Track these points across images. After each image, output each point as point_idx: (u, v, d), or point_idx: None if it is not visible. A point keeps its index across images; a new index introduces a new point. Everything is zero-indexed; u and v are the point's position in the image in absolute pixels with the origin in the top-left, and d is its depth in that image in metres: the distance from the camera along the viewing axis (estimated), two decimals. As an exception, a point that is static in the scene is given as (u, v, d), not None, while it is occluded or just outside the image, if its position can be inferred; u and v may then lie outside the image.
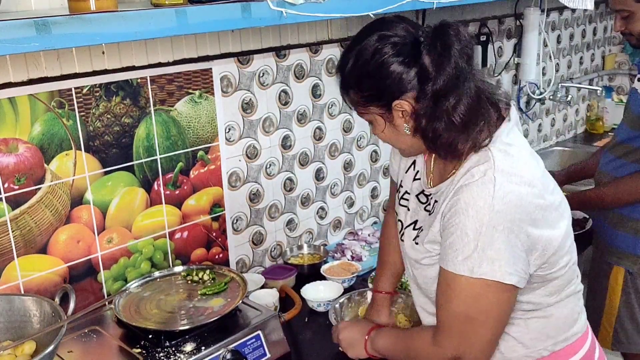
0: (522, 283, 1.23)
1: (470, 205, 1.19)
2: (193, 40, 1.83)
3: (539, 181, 1.25)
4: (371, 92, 1.26)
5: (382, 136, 1.33)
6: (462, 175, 1.24)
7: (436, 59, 1.18)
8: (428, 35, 1.21)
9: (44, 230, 1.63)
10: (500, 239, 1.18)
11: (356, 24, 2.30)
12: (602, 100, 3.90)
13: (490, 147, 1.24)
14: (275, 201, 2.20)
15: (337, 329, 1.60)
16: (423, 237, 1.34)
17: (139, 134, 1.76)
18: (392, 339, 1.47)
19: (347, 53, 1.28)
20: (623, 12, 2.02)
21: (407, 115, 1.24)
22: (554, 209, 1.26)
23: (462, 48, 1.18)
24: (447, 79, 1.17)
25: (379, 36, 1.22)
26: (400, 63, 1.20)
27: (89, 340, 1.58)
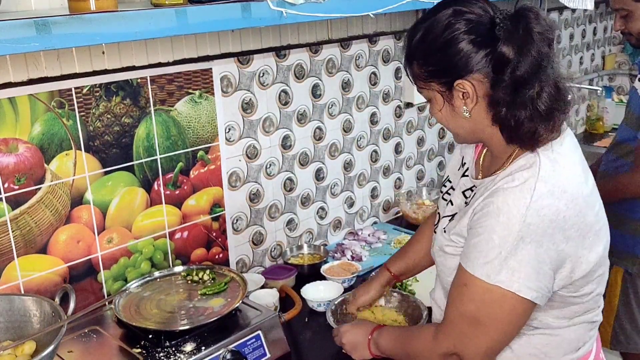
0: (542, 300, 1.19)
1: (503, 211, 1.15)
2: (193, 40, 1.83)
3: (583, 199, 1.20)
4: (436, 67, 1.21)
5: (438, 116, 1.28)
6: (504, 176, 1.21)
7: (518, 44, 1.13)
8: (506, 18, 1.16)
9: (44, 230, 1.63)
10: (526, 251, 1.14)
11: (356, 24, 2.30)
12: (602, 100, 3.90)
13: (540, 152, 1.20)
14: (275, 201, 2.20)
15: (340, 333, 1.59)
16: (452, 227, 1.32)
17: (139, 134, 1.76)
18: (394, 338, 1.46)
19: (419, 24, 1.24)
20: (622, 11, 2.03)
21: (468, 98, 1.20)
22: (593, 232, 1.22)
23: (544, 32, 1.14)
24: (530, 65, 1.13)
25: (454, 11, 1.18)
26: (470, 42, 1.16)
27: (89, 340, 1.58)
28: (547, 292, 1.19)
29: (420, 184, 2.80)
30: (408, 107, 2.62)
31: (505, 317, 1.20)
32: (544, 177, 1.16)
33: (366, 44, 2.37)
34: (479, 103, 1.21)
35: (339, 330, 1.60)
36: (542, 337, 1.29)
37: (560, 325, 1.28)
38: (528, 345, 1.29)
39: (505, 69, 1.15)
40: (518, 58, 1.14)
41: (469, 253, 1.21)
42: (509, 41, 1.14)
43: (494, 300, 1.18)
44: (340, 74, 2.30)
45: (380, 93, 2.48)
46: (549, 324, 1.27)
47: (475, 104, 1.21)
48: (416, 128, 2.70)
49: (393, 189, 2.68)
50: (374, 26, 2.37)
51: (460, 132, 1.30)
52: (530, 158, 1.20)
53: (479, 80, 1.19)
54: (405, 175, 2.72)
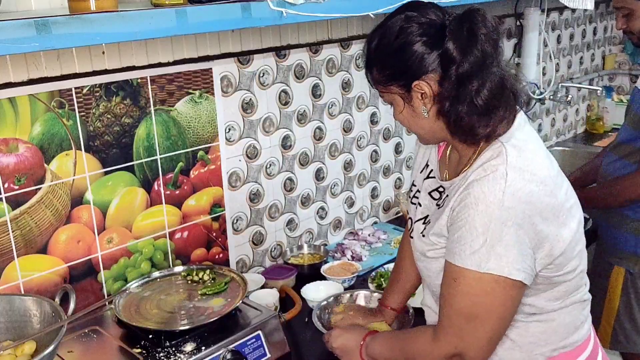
0: (529, 280, 1.23)
1: (481, 200, 1.19)
2: (193, 40, 1.83)
3: (552, 180, 1.25)
4: (393, 71, 1.26)
5: (400, 118, 1.33)
6: (474, 170, 1.24)
7: (462, 43, 1.18)
8: (454, 20, 1.21)
9: (44, 230, 1.63)
10: (509, 235, 1.18)
11: (356, 24, 2.30)
12: (603, 100, 3.90)
13: (505, 142, 1.24)
14: (276, 201, 2.20)
15: (330, 337, 1.57)
16: (429, 229, 1.35)
17: (139, 134, 1.76)
18: (389, 343, 1.45)
19: (374, 31, 1.30)
20: (624, 10, 2.03)
21: (426, 98, 1.25)
22: (565, 209, 1.26)
23: (488, 33, 1.19)
24: (473, 62, 1.18)
25: (406, 16, 1.24)
26: (423, 43, 1.21)
27: (89, 340, 1.58)
28: (532, 272, 1.23)
29: (420, 184, 2.80)
30: (408, 107, 2.62)
31: (500, 304, 1.22)
32: (512, 163, 1.21)
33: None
34: (436, 102, 1.25)
35: (329, 334, 1.58)
36: (538, 324, 1.32)
37: (554, 307, 1.31)
38: (527, 334, 1.32)
39: (451, 67, 1.20)
40: (461, 56, 1.18)
41: (454, 247, 1.23)
42: (454, 40, 1.19)
43: (486, 288, 1.20)
44: (341, 74, 2.30)
45: (381, 93, 2.48)
46: (543, 308, 1.30)
47: (434, 104, 1.25)
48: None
49: (393, 189, 2.68)
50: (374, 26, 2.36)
51: (423, 133, 1.34)
52: (496, 148, 1.24)
53: (434, 80, 1.23)
54: (406, 175, 2.72)
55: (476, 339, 1.24)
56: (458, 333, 1.25)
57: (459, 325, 1.25)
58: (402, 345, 1.41)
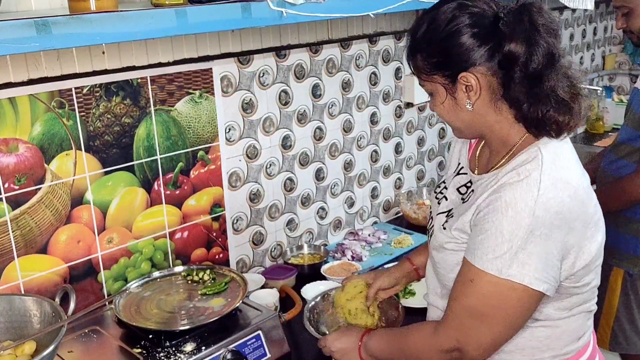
0: (552, 291, 1.20)
1: (511, 205, 1.16)
2: (193, 40, 1.83)
3: (584, 190, 1.22)
4: (439, 60, 1.22)
5: (440, 109, 1.29)
6: (507, 172, 1.22)
7: (525, 38, 1.14)
8: (510, 12, 1.18)
9: (44, 230, 1.63)
10: (535, 244, 1.15)
11: (356, 24, 2.30)
12: (603, 100, 3.90)
13: (541, 147, 1.21)
14: (276, 201, 2.20)
15: (327, 342, 1.54)
16: (452, 223, 1.32)
17: (139, 134, 1.76)
18: (387, 339, 1.44)
19: (423, 16, 1.25)
20: (623, 9, 2.03)
21: (471, 90, 1.22)
22: (593, 222, 1.24)
23: (547, 24, 1.16)
24: (543, 57, 1.15)
25: (459, 4, 1.20)
26: (474, 35, 1.18)
27: (89, 340, 1.58)
28: (556, 283, 1.21)
29: (420, 184, 2.80)
30: (408, 107, 2.62)
31: (512, 310, 1.20)
32: (547, 170, 1.18)
33: (366, 44, 2.37)
34: (482, 96, 1.22)
35: (325, 340, 1.55)
36: (544, 329, 1.30)
37: (561, 316, 1.30)
38: (531, 338, 1.30)
39: (515, 64, 1.16)
40: (528, 52, 1.15)
41: (476, 249, 1.20)
42: (515, 36, 1.15)
43: (501, 293, 1.18)
44: (341, 74, 2.30)
45: (381, 93, 2.48)
46: (550, 315, 1.29)
47: (479, 97, 1.22)
48: (416, 128, 2.70)
49: (393, 189, 2.68)
50: (374, 26, 2.37)
51: (461, 126, 1.30)
52: (532, 153, 1.21)
53: (482, 73, 1.20)
54: (406, 175, 2.72)
55: (479, 339, 1.23)
56: (461, 328, 1.24)
57: (464, 322, 1.24)
58: (401, 339, 1.40)
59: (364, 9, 1.77)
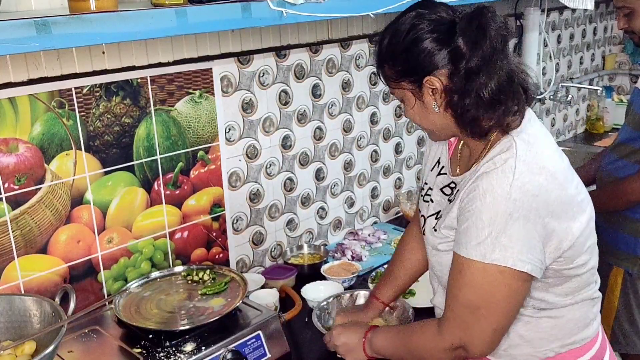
0: (538, 272, 1.23)
1: (488, 191, 1.21)
2: (193, 40, 1.83)
3: (561, 173, 1.26)
4: (404, 67, 1.28)
5: (411, 114, 1.35)
6: (484, 163, 1.26)
7: (471, 38, 1.20)
8: (465, 17, 1.23)
9: (44, 230, 1.63)
10: (515, 227, 1.19)
11: (356, 24, 2.30)
12: (603, 100, 3.90)
13: (515, 136, 1.26)
14: (276, 201, 2.20)
15: (332, 336, 1.57)
16: (441, 222, 1.36)
17: (139, 134, 1.76)
18: (392, 337, 1.46)
19: (386, 29, 1.32)
20: (625, 9, 2.02)
21: (437, 93, 1.27)
22: (575, 203, 1.27)
23: (498, 29, 1.21)
24: (481, 57, 1.20)
25: (417, 13, 1.26)
26: (434, 40, 1.23)
27: (89, 340, 1.58)
28: (541, 265, 1.23)
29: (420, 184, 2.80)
30: (408, 107, 2.62)
31: (504, 295, 1.23)
32: (521, 157, 1.23)
33: (366, 44, 2.37)
34: (447, 97, 1.27)
35: (331, 333, 1.58)
36: (548, 320, 1.33)
37: (564, 303, 1.32)
38: (537, 330, 1.33)
39: (460, 62, 1.22)
40: (471, 51, 1.20)
41: (461, 239, 1.25)
42: (464, 36, 1.21)
43: (490, 280, 1.21)
44: (341, 74, 2.30)
45: (381, 93, 2.48)
46: (553, 303, 1.31)
47: (444, 99, 1.27)
48: (416, 128, 2.70)
49: (393, 189, 2.68)
50: (374, 26, 2.37)
51: (434, 128, 1.35)
52: (506, 143, 1.26)
53: (445, 75, 1.25)
54: (406, 175, 2.72)
55: (480, 331, 1.25)
56: (462, 325, 1.26)
57: (463, 317, 1.26)
58: (405, 338, 1.42)
59: (364, 9, 1.77)
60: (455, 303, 1.27)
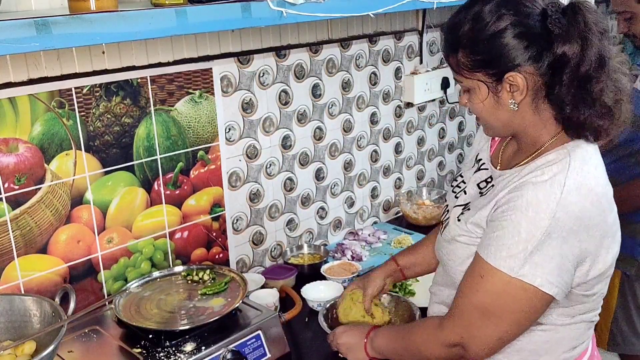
0: (561, 296, 1.19)
1: (532, 205, 1.14)
2: (193, 40, 1.83)
3: (607, 200, 1.21)
4: (484, 58, 1.18)
5: (478, 106, 1.24)
6: (531, 170, 1.20)
7: (579, 40, 1.11)
8: (559, 11, 1.14)
9: (44, 230, 1.63)
10: (552, 247, 1.14)
11: (356, 24, 2.30)
12: (602, 100, 3.89)
13: (571, 150, 1.19)
14: (276, 201, 2.20)
15: (335, 335, 1.57)
16: (468, 216, 1.30)
17: (139, 133, 1.76)
18: (393, 335, 1.45)
19: (465, 10, 1.20)
20: (625, 14, 2.02)
21: (516, 91, 1.18)
22: (611, 233, 1.23)
23: (599, 23, 1.13)
24: (594, 60, 1.12)
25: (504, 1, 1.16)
26: (521, 34, 1.14)
27: (89, 340, 1.58)
28: (566, 289, 1.19)
29: (420, 184, 2.80)
30: (408, 107, 2.62)
31: (520, 311, 1.19)
32: (573, 174, 1.16)
33: (366, 44, 2.37)
34: (526, 96, 1.19)
35: (334, 333, 1.58)
36: (543, 333, 1.29)
37: (563, 322, 1.28)
38: (529, 341, 1.29)
39: (567, 67, 1.13)
40: (581, 54, 1.12)
41: (490, 245, 1.19)
42: (569, 37, 1.12)
43: (511, 292, 1.17)
44: (341, 74, 2.30)
45: (381, 93, 2.48)
46: (553, 321, 1.28)
47: (524, 98, 1.19)
48: (416, 128, 2.70)
49: (393, 189, 2.68)
50: (374, 26, 2.37)
51: (497, 124, 1.26)
52: (560, 154, 1.19)
53: (529, 73, 1.16)
54: (406, 175, 2.72)
55: (484, 336, 1.22)
56: (467, 325, 1.23)
57: (471, 319, 1.23)
58: (406, 335, 1.40)
59: (364, 9, 1.77)
60: (466, 303, 1.23)
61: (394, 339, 1.44)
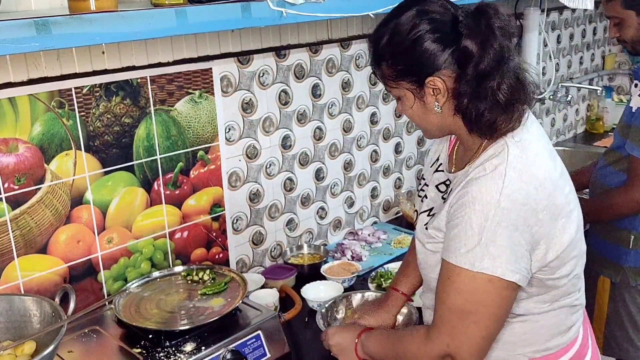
0: (524, 282, 1.22)
1: (477, 199, 1.19)
2: (193, 40, 1.83)
3: (552, 182, 1.23)
4: (404, 67, 1.25)
5: (409, 113, 1.32)
6: (475, 167, 1.24)
7: (480, 38, 1.17)
8: (469, 15, 1.20)
9: (44, 230, 1.63)
10: (504, 236, 1.17)
11: (356, 24, 2.30)
12: (602, 100, 3.90)
13: (508, 140, 1.24)
14: (275, 201, 2.20)
15: (327, 335, 1.57)
16: (430, 222, 1.34)
17: (139, 134, 1.76)
18: (382, 341, 1.44)
19: (383, 26, 1.28)
20: (615, 19, 2.03)
21: (439, 94, 1.24)
22: (564, 213, 1.25)
23: (504, 26, 1.18)
24: (492, 58, 1.17)
25: (417, 11, 1.23)
26: (436, 40, 1.20)
27: (89, 340, 1.58)
28: (527, 274, 1.22)
29: (420, 184, 2.80)
30: (408, 107, 2.62)
31: (493, 304, 1.21)
32: (512, 163, 1.20)
33: (366, 44, 2.36)
34: (449, 98, 1.25)
35: (326, 332, 1.58)
36: (522, 324, 1.31)
37: (540, 310, 1.30)
38: (510, 334, 1.31)
39: (469, 63, 1.19)
40: (481, 52, 1.18)
41: (449, 245, 1.23)
42: (471, 36, 1.18)
43: (479, 288, 1.20)
44: (340, 73, 2.30)
45: (380, 93, 2.48)
46: (530, 310, 1.30)
47: (446, 99, 1.25)
48: (416, 128, 2.70)
49: (393, 189, 2.68)
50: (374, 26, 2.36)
51: (430, 127, 1.33)
52: (499, 147, 1.24)
53: (448, 75, 1.23)
54: (405, 175, 2.72)
55: (468, 339, 1.23)
56: (450, 332, 1.24)
57: (452, 324, 1.23)
58: (395, 343, 1.40)
59: (364, 9, 1.77)
60: (444, 309, 1.25)
61: (384, 345, 1.43)
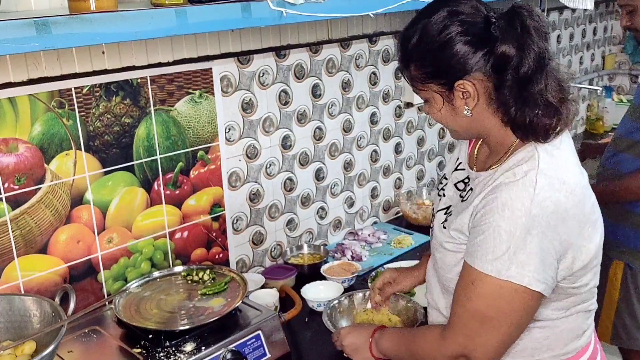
0: (549, 291, 1.20)
1: (508, 205, 1.16)
2: (193, 40, 1.83)
3: (581, 190, 1.22)
4: (433, 69, 1.22)
5: (437, 115, 1.29)
6: (504, 171, 1.22)
7: (517, 41, 1.15)
8: (501, 17, 1.18)
9: (44, 230, 1.63)
10: (533, 244, 1.15)
11: (356, 24, 2.30)
12: (602, 100, 3.90)
13: (537, 146, 1.22)
14: (275, 201, 2.20)
15: (340, 336, 1.56)
16: (450, 222, 1.32)
17: (139, 134, 1.76)
18: (398, 339, 1.44)
19: (413, 26, 1.24)
20: (628, 7, 2.03)
21: (469, 97, 1.22)
22: (590, 222, 1.24)
23: (539, 27, 1.16)
24: (534, 60, 1.15)
25: (449, 12, 1.19)
26: (467, 42, 1.17)
27: (89, 340, 1.58)
28: (552, 283, 1.21)
29: (420, 184, 2.80)
30: (408, 107, 2.62)
31: (516, 312, 1.20)
32: (543, 170, 1.18)
33: (366, 44, 2.37)
34: (479, 101, 1.23)
35: (339, 333, 1.58)
36: (541, 330, 1.30)
37: (558, 316, 1.30)
38: (530, 340, 1.30)
39: (507, 68, 1.16)
40: (520, 55, 1.15)
41: (475, 251, 1.20)
42: (507, 39, 1.16)
43: (504, 295, 1.18)
44: (340, 73, 2.30)
45: (380, 93, 2.49)
46: (548, 316, 1.29)
47: (476, 103, 1.23)
48: (416, 128, 2.70)
49: (393, 189, 2.68)
50: (374, 26, 2.37)
51: (459, 129, 1.31)
52: (529, 152, 1.22)
53: (479, 79, 1.20)
54: (405, 175, 2.72)
55: (486, 342, 1.22)
56: (468, 334, 1.23)
57: (471, 327, 1.23)
58: (410, 341, 1.40)
59: (364, 9, 1.77)
60: (464, 312, 1.24)
61: (398, 343, 1.43)
